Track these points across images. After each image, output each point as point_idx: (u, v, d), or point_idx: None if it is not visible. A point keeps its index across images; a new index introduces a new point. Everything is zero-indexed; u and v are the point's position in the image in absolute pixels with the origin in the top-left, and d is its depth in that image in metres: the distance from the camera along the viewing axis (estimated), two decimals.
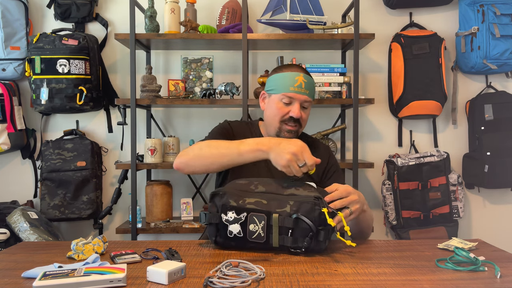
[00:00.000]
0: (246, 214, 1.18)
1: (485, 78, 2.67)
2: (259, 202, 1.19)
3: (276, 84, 1.51)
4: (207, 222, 1.22)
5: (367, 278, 0.99)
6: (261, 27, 2.65)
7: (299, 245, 1.16)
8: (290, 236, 1.16)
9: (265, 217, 1.17)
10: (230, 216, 1.19)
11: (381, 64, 2.68)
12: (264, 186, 1.24)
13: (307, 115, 1.55)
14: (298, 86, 1.47)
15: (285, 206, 1.17)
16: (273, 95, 1.52)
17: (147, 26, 2.37)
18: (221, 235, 1.21)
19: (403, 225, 2.47)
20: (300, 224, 1.15)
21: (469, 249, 1.23)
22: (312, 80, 1.54)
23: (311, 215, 1.15)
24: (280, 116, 1.50)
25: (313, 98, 1.55)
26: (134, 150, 2.30)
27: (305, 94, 1.49)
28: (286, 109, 1.49)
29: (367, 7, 2.67)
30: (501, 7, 2.44)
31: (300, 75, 1.49)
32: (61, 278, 0.91)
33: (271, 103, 1.53)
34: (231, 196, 1.21)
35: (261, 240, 1.18)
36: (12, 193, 2.64)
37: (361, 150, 2.67)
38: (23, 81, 2.61)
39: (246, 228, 1.18)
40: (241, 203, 1.19)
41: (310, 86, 1.51)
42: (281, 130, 1.52)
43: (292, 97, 1.48)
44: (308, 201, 1.17)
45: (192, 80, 2.58)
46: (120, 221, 2.66)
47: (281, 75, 1.51)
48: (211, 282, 0.93)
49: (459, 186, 2.49)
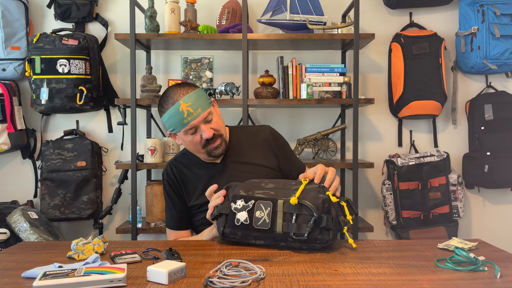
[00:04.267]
0: (253, 202, 1.24)
1: (485, 78, 2.67)
2: (267, 192, 1.26)
3: (170, 124, 1.45)
4: (218, 213, 1.27)
5: (367, 278, 0.99)
6: (261, 27, 2.65)
7: (302, 232, 1.18)
8: (294, 222, 1.19)
9: (271, 203, 1.22)
10: (239, 204, 1.25)
11: (381, 64, 2.68)
12: (274, 183, 1.30)
13: (218, 121, 1.49)
14: (188, 115, 1.40)
15: (291, 195, 1.22)
16: (178, 133, 1.48)
17: (147, 26, 2.37)
18: (229, 225, 1.26)
19: (403, 225, 2.47)
20: (304, 210, 1.19)
21: (469, 249, 1.23)
22: (194, 91, 1.44)
23: (314, 202, 1.20)
24: (199, 145, 1.47)
25: (209, 105, 1.46)
26: (134, 150, 2.30)
27: (199, 114, 1.41)
28: (197, 137, 1.45)
29: (367, 7, 2.67)
30: (501, 7, 2.44)
31: (180, 104, 1.40)
32: (61, 278, 0.91)
33: (183, 139, 1.48)
34: (242, 187, 1.28)
35: (265, 226, 1.21)
36: (12, 193, 2.64)
37: (361, 150, 2.67)
38: (23, 81, 2.61)
39: (253, 215, 1.23)
40: (250, 193, 1.26)
41: (198, 101, 1.43)
42: (210, 152, 1.48)
43: (191, 126, 1.43)
44: (312, 190, 1.23)
45: (192, 80, 2.58)
46: (120, 221, 2.66)
47: (167, 115, 1.44)
48: (211, 282, 0.93)
49: (459, 186, 2.49)
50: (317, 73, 2.41)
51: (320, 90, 2.40)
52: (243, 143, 1.59)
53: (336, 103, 2.34)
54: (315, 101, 2.32)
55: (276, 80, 2.44)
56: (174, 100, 1.42)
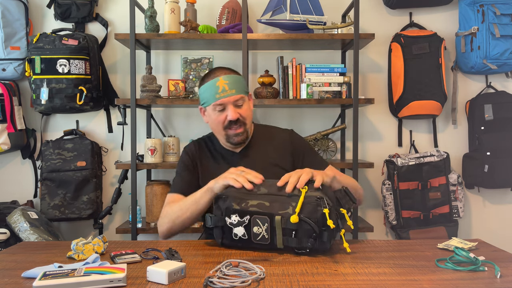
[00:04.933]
0: (249, 217, 1.19)
1: (485, 78, 2.67)
2: (261, 204, 1.19)
3: (204, 97, 1.54)
4: (213, 225, 1.24)
5: (367, 278, 0.99)
6: (261, 27, 2.65)
7: (304, 245, 1.16)
8: (294, 237, 1.16)
9: (268, 219, 1.17)
10: (234, 219, 1.20)
11: (381, 64, 2.68)
12: (267, 187, 1.24)
13: (247, 110, 1.54)
14: (222, 91, 1.48)
15: (288, 208, 1.17)
16: (207, 107, 1.55)
17: (147, 26, 2.37)
18: (227, 238, 1.23)
19: (403, 225, 2.47)
20: (304, 225, 1.15)
21: (469, 249, 1.23)
22: (236, 76, 1.53)
23: (313, 216, 1.15)
24: (221, 124, 1.53)
25: (245, 93, 1.54)
26: (134, 150, 2.30)
27: (232, 94, 1.49)
28: (223, 116, 1.51)
29: (367, 7, 2.66)
30: (501, 7, 2.44)
31: (219, 80, 1.49)
32: (61, 278, 0.91)
33: (209, 115, 1.56)
34: (233, 199, 1.22)
35: (265, 242, 1.19)
36: (12, 193, 2.64)
37: (361, 150, 2.67)
38: (23, 81, 2.61)
39: (250, 231, 1.19)
40: (244, 206, 1.20)
41: (235, 83, 1.50)
42: (229, 137, 1.54)
43: (221, 103, 1.50)
44: (310, 202, 1.16)
45: (192, 80, 2.58)
46: (120, 221, 2.66)
47: (204, 87, 1.53)
48: (211, 282, 0.93)
49: (459, 186, 2.49)
50: (317, 73, 2.41)
51: (320, 90, 2.40)
52: (263, 141, 1.64)
53: (336, 103, 2.34)
54: (315, 101, 2.32)
55: (276, 80, 2.44)
56: (215, 75, 1.51)
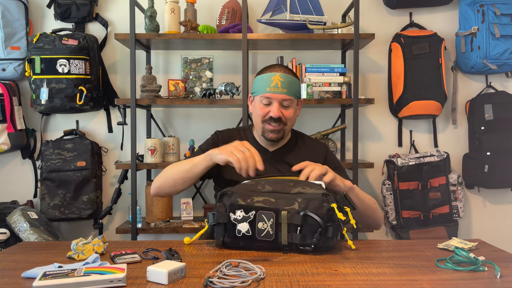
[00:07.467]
0: (254, 212, 1.19)
1: (485, 78, 2.67)
2: (267, 200, 1.20)
3: (256, 86, 1.56)
4: (215, 222, 1.22)
5: (367, 278, 0.99)
6: (261, 27, 2.65)
7: (308, 242, 1.16)
8: (299, 233, 1.17)
9: (274, 214, 1.18)
10: (239, 215, 1.19)
11: (381, 64, 2.68)
12: (271, 186, 1.26)
13: (292, 114, 1.56)
14: (274, 86, 1.50)
15: (293, 204, 1.18)
16: (255, 97, 1.58)
17: (147, 26, 2.37)
18: (229, 235, 1.21)
19: (403, 225, 2.47)
20: (309, 220, 1.16)
21: (469, 249, 1.23)
22: (293, 78, 1.55)
23: (319, 212, 1.16)
24: (261, 117, 1.55)
25: (296, 97, 1.56)
26: (134, 150, 2.30)
27: (282, 93, 1.51)
28: (266, 110, 1.54)
29: (367, 7, 2.67)
30: (501, 7, 2.44)
31: (276, 75, 1.51)
32: (61, 278, 0.91)
33: (255, 105, 1.59)
34: (239, 195, 1.22)
35: (269, 238, 1.18)
36: (12, 193, 2.64)
37: (361, 150, 2.67)
38: (23, 81, 2.61)
39: (255, 227, 1.18)
40: (249, 202, 1.20)
41: (290, 84, 1.52)
42: (265, 130, 1.56)
43: (269, 97, 1.52)
44: (316, 198, 1.18)
45: (192, 80, 2.58)
46: (120, 221, 2.66)
47: (259, 77, 1.56)
48: (211, 282, 0.93)
49: (459, 186, 2.49)
50: (317, 73, 2.41)
51: (320, 90, 2.40)
52: (298, 148, 1.66)
53: (336, 103, 2.34)
54: (315, 101, 2.32)
55: None
56: (274, 70, 1.54)
